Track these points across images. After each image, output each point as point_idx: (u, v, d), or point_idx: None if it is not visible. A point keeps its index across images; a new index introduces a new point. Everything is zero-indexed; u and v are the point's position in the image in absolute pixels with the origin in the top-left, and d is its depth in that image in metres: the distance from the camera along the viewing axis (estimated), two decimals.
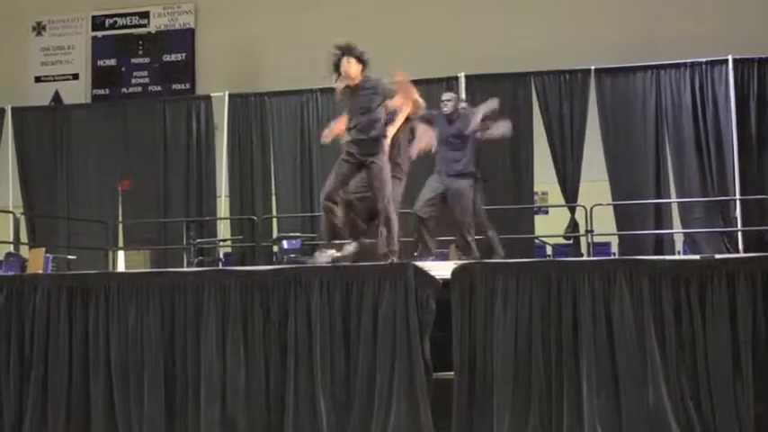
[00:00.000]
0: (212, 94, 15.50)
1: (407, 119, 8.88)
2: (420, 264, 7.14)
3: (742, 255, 11.33)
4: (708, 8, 14.77)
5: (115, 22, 17.97)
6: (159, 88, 17.51)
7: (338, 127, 8.57)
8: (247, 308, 7.05)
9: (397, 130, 8.74)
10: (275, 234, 14.30)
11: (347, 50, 8.28)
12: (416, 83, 13.96)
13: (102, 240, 14.95)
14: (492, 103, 9.99)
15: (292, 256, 12.09)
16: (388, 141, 8.40)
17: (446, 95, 10.15)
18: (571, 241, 13.59)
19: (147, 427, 7.17)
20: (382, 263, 7.89)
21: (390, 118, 8.52)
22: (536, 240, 14.00)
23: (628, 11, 15.08)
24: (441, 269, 6.96)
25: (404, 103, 8.54)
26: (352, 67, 8.24)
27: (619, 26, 14.96)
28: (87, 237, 15.31)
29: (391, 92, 8.38)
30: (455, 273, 6.74)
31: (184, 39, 17.58)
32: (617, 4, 15.26)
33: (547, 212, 14.84)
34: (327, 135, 8.66)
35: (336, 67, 8.30)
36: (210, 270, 8.80)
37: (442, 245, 11.27)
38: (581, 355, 6.40)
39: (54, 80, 18.09)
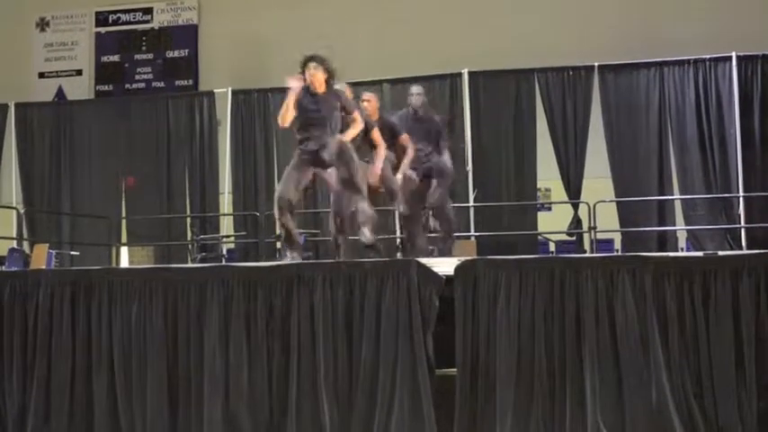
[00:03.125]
0: (215, 90, 15.51)
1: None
2: (423, 260, 7.14)
3: (745, 251, 11.33)
4: (711, 4, 14.74)
5: (119, 18, 17.98)
6: (162, 84, 17.52)
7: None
8: (250, 304, 7.05)
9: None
10: (278, 230, 14.28)
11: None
12: (420, 79, 14.22)
13: (105, 236, 14.96)
14: None
15: None
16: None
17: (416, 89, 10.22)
18: (574, 238, 13.60)
19: (149, 424, 7.17)
20: (385, 259, 7.90)
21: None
22: (539, 237, 14.00)
23: (631, 7, 15.08)
24: (444, 265, 6.96)
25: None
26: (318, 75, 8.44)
27: (622, 23, 14.94)
28: (90, 233, 15.34)
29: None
30: (458, 269, 6.74)
31: (188, 35, 17.58)
32: (620, 0, 15.24)
33: (550, 209, 14.84)
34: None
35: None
36: (214, 266, 8.79)
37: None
38: (584, 351, 6.40)
39: (57, 76, 18.11)
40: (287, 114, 8.56)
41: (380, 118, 9.39)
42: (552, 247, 13.90)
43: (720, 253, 7.26)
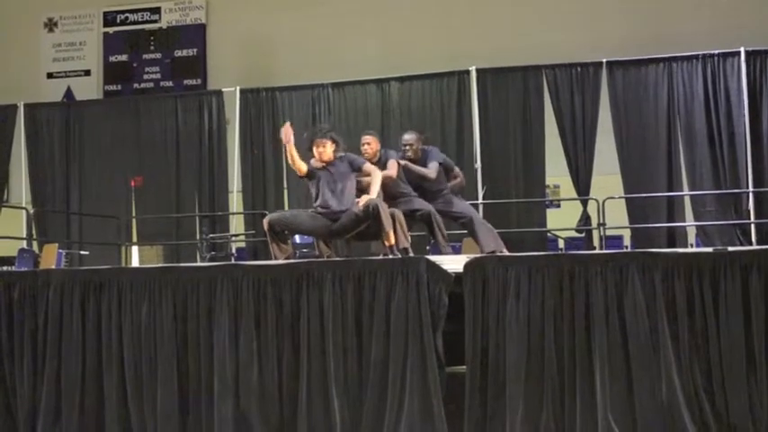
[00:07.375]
0: (224, 90, 15.50)
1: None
2: (432, 257, 7.14)
3: (755, 247, 11.29)
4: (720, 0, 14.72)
5: (126, 17, 18.00)
6: (171, 84, 17.54)
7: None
8: (260, 302, 7.06)
9: None
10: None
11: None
12: (427, 77, 14.22)
13: (114, 236, 14.98)
14: None
15: (304, 250, 12.09)
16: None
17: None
18: (583, 234, 13.56)
19: (160, 422, 7.19)
20: (394, 257, 7.90)
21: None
22: (548, 234, 13.97)
23: (639, 3, 15.04)
24: (453, 263, 6.96)
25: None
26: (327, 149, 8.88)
27: (630, 18, 14.91)
28: (100, 232, 15.35)
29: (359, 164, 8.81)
30: (467, 266, 6.74)
31: (196, 34, 17.60)
32: None
33: (559, 206, 14.81)
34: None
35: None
36: (223, 265, 8.80)
37: (456, 239, 11.27)
38: (594, 348, 6.40)
39: (66, 76, 18.14)
40: (297, 164, 8.99)
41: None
42: (561, 243, 13.87)
43: (730, 249, 7.24)
